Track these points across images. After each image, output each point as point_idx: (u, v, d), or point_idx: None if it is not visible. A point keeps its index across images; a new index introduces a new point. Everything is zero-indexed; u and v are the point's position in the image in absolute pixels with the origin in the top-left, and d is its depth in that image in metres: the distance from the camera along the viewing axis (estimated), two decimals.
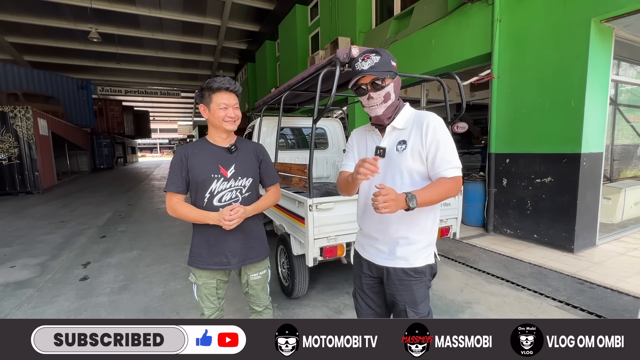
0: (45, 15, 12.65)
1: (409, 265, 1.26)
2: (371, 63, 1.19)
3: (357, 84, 1.25)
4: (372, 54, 1.20)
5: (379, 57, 1.19)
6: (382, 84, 1.20)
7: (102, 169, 20.84)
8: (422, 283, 1.28)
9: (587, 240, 3.95)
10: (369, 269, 1.38)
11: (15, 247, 4.56)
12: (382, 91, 1.21)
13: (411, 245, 1.26)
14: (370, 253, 1.37)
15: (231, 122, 1.52)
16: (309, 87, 3.31)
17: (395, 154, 1.24)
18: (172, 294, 3.01)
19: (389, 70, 1.20)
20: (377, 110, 1.24)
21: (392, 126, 1.27)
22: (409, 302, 1.27)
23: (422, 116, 1.24)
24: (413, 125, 1.23)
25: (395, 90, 1.25)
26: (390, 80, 1.22)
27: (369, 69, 1.18)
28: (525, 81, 4.22)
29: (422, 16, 5.88)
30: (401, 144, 1.23)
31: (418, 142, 1.20)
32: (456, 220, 2.95)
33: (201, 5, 12.71)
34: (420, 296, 1.27)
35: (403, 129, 1.25)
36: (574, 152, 3.75)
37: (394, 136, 1.27)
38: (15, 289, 3.17)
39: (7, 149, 9.56)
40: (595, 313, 2.52)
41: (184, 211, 1.51)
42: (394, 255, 1.27)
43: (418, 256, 1.26)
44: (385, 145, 1.27)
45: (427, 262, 1.29)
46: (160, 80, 23.17)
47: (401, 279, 1.27)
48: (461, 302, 2.76)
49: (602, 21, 3.55)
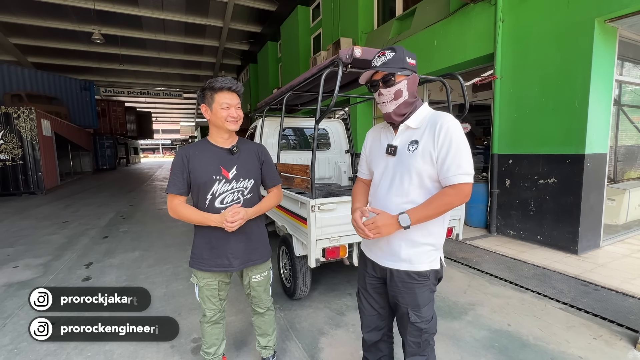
0: (49, 17, 12.72)
1: (412, 268, 1.24)
2: (384, 59, 1.19)
3: (371, 79, 1.26)
4: (388, 51, 1.21)
5: (393, 54, 1.19)
6: (392, 81, 1.19)
7: (104, 170, 20.93)
8: (425, 287, 1.25)
9: (591, 241, 3.92)
10: (373, 269, 1.37)
11: (19, 248, 4.58)
12: (392, 88, 1.20)
13: (416, 248, 1.24)
14: (375, 253, 1.35)
15: (233, 122, 1.52)
16: (311, 88, 3.31)
17: (406, 154, 1.21)
18: (174, 294, 3.01)
19: (401, 67, 1.19)
20: (387, 107, 1.24)
21: (406, 125, 1.24)
22: (412, 305, 1.25)
23: (437, 116, 1.20)
24: (427, 125, 1.20)
25: (409, 88, 1.22)
26: (402, 77, 1.20)
27: (381, 65, 1.19)
28: (528, 82, 4.20)
29: (425, 17, 5.87)
30: (413, 144, 1.20)
31: (430, 142, 1.16)
32: (459, 221, 2.93)
33: (203, 6, 12.75)
34: (423, 299, 1.25)
35: (417, 129, 1.23)
36: (577, 152, 3.72)
37: (406, 135, 1.25)
38: (18, 289, 3.18)
39: (11, 149, 9.62)
40: (600, 315, 2.49)
41: (186, 213, 1.51)
42: (398, 257, 1.25)
43: (423, 260, 1.24)
44: (397, 143, 1.25)
45: (432, 267, 1.25)
46: (163, 81, 23.26)
47: (404, 282, 1.25)
48: (464, 304, 2.74)
49: (606, 21, 3.53)
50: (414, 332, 1.27)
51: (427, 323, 1.26)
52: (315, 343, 2.23)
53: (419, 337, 1.27)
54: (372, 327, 1.46)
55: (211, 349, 1.74)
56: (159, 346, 2.19)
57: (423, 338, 1.27)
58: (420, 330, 1.26)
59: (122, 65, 18.01)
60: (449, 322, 2.47)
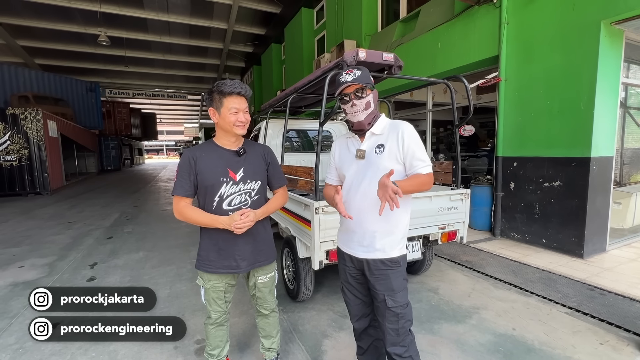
0: (56, 19, 12.88)
1: (386, 256, 1.41)
2: (354, 76, 1.40)
3: (342, 93, 1.44)
4: (355, 69, 1.42)
5: (360, 72, 1.41)
6: (364, 94, 1.41)
7: (109, 171, 21.08)
8: (398, 272, 1.43)
9: (597, 245, 3.88)
10: (351, 262, 1.51)
11: (24, 247, 4.62)
12: (363, 99, 1.42)
13: (387, 237, 1.41)
14: (350, 247, 1.50)
15: (241, 126, 1.52)
16: (315, 90, 3.31)
17: (374, 156, 1.42)
18: (177, 295, 3.02)
19: (368, 82, 1.42)
20: (359, 116, 1.44)
21: (371, 132, 1.46)
22: (387, 290, 1.41)
23: (396, 124, 1.44)
24: (389, 132, 1.43)
25: (374, 100, 1.46)
26: (370, 91, 1.44)
27: (353, 80, 1.39)
28: (533, 84, 4.18)
29: (429, 19, 5.87)
30: (379, 147, 1.42)
31: (394, 146, 1.39)
32: (463, 224, 2.92)
33: (208, 9, 12.85)
34: (398, 285, 1.42)
35: (380, 135, 1.45)
36: (583, 155, 3.70)
37: (372, 140, 1.46)
38: (24, 289, 3.21)
39: (18, 150, 9.73)
40: (607, 320, 2.46)
41: (193, 215, 1.50)
42: (373, 248, 1.42)
43: (394, 246, 1.42)
44: (365, 148, 1.46)
45: (401, 253, 1.44)
46: (167, 82, 23.43)
47: (379, 269, 1.42)
48: (468, 308, 2.72)
49: (612, 23, 3.50)
50: (391, 319, 1.41)
51: (403, 308, 1.42)
52: (318, 345, 2.22)
53: (397, 323, 1.41)
54: (360, 315, 1.61)
55: (215, 350, 1.75)
56: (162, 347, 2.19)
57: (400, 324, 1.42)
58: (397, 316, 1.41)
59: (127, 67, 18.18)
60: (453, 325, 2.46)
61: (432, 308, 2.73)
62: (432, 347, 2.17)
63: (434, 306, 2.76)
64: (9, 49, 15.02)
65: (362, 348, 1.69)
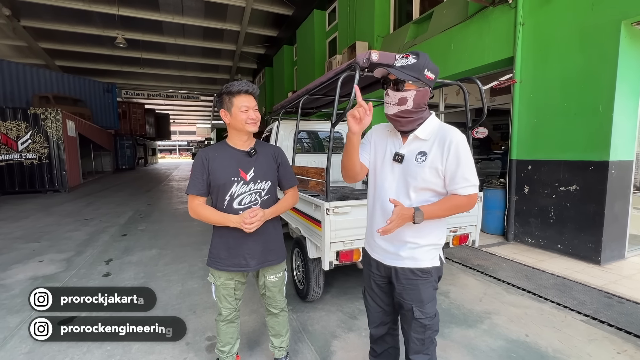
0: (76, 23, 13.30)
1: (416, 265, 1.29)
2: (404, 63, 1.18)
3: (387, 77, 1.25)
4: (412, 56, 1.19)
5: (414, 61, 1.18)
6: (402, 87, 1.19)
7: (124, 170, 21.59)
8: (428, 283, 1.30)
9: (615, 252, 3.77)
10: (377, 269, 1.41)
11: (44, 243, 4.78)
12: (399, 93, 1.20)
13: (417, 249, 1.29)
14: (378, 253, 1.39)
15: (253, 123, 1.55)
16: (327, 92, 3.33)
17: (414, 164, 1.24)
18: (189, 292, 3.08)
19: (415, 76, 1.17)
20: (389, 109, 1.25)
21: (415, 135, 1.26)
22: (416, 301, 1.30)
23: (446, 131, 1.23)
24: (436, 139, 1.23)
25: (416, 99, 1.21)
26: (413, 86, 1.19)
27: (397, 68, 1.18)
28: (549, 86, 4.09)
29: (442, 20, 5.82)
30: (421, 155, 1.23)
31: (438, 157, 1.21)
32: (475, 227, 2.88)
33: (222, 11, 13.04)
34: (427, 296, 1.30)
35: (425, 140, 1.25)
36: (601, 159, 3.60)
37: (415, 145, 1.27)
38: (43, 283, 3.32)
39: (38, 149, 10.08)
40: (625, 329, 2.39)
41: (206, 214, 1.55)
42: (401, 256, 1.30)
43: (425, 257, 1.29)
44: (405, 152, 1.28)
45: (433, 264, 1.31)
46: (181, 84, 23.88)
47: (408, 279, 1.30)
48: (480, 312, 2.68)
49: (633, 24, 3.41)
50: (418, 329, 1.31)
51: (431, 320, 1.30)
52: (327, 346, 2.23)
53: (423, 333, 1.31)
54: (378, 323, 1.53)
55: (226, 347, 1.78)
56: (174, 343, 2.24)
57: (427, 335, 1.31)
58: (424, 327, 1.30)
59: (142, 68, 18.62)
60: (464, 330, 2.42)
61: (443, 312, 2.69)
62: (442, 352, 2.15)
63: (444, 310, 2.73)
64: (31, 51, 15.59)
65: (376, 351, 1.62)
